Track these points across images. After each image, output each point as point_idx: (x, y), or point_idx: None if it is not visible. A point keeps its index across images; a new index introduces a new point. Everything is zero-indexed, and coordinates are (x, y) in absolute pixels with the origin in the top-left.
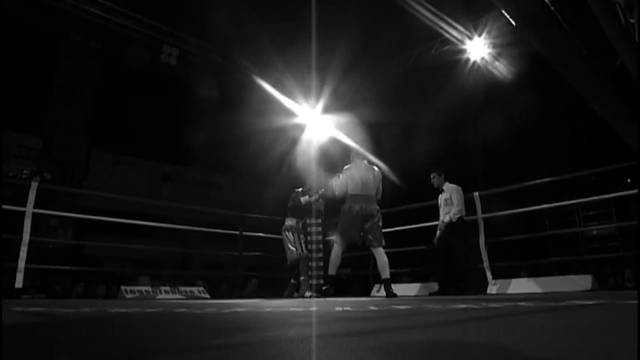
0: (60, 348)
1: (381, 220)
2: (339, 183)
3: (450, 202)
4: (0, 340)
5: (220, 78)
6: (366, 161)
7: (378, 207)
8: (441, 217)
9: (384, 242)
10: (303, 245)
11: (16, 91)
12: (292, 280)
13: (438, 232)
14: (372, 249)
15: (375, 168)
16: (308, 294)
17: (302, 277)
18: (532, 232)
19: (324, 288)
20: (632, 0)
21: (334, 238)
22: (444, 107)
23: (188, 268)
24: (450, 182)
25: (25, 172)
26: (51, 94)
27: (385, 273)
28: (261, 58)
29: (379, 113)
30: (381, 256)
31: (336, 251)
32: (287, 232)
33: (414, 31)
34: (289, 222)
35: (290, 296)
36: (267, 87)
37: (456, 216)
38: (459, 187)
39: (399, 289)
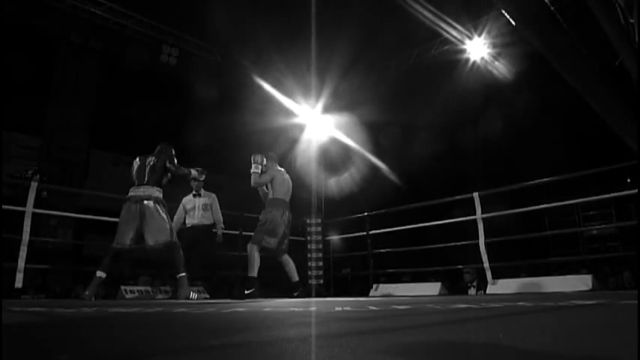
0: (60, 348)
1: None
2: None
3: (208, 208)
4: (0, 340)
5: (220, 78)
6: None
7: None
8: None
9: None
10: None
11: (15, 91)
12: (98, 274)
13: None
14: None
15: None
16: (194, 295)
17: (182, 274)
18: (532, 232)
19: (247, 292)
20: (632, 0)
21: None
22: (443, 107)
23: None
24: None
25: (28, 172)
26: (51, 94)
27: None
28: (261, 58)
29: (379, 113)
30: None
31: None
32: (159, 206)
33: (414, 31)
34: (158, 193)
35: (93, 295)
36: (267, 87)
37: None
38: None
39: (399, 288)
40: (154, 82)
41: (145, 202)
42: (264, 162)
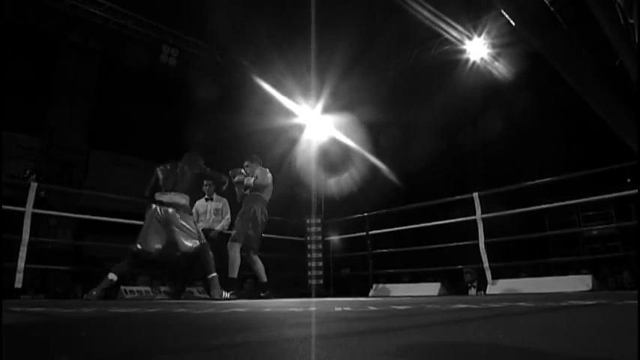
0: (60, 348)
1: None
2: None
3: (219, 213)
4: (0, 340)
5: (220, 78)
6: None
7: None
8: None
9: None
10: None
11: (15, 91)
12: (110, 276)
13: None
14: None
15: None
16: (226, 294)
17: (213, 274)
18: (532, 232)
19: (227, 294)
20: (631, 0)
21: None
22: (443, 107)
23: (189, 268)
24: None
25: (27, 172)
26: (50, 94)
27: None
28: (260, 58)
29: (379, 113)
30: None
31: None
32: (184, 213)
33: (413, 31)
34: (184, 201)
35: (99, 296)
36: (267, 87)
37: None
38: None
39: (399, 289)
40: (154, 82)
41: (170, 210)
42: (246, 168)
